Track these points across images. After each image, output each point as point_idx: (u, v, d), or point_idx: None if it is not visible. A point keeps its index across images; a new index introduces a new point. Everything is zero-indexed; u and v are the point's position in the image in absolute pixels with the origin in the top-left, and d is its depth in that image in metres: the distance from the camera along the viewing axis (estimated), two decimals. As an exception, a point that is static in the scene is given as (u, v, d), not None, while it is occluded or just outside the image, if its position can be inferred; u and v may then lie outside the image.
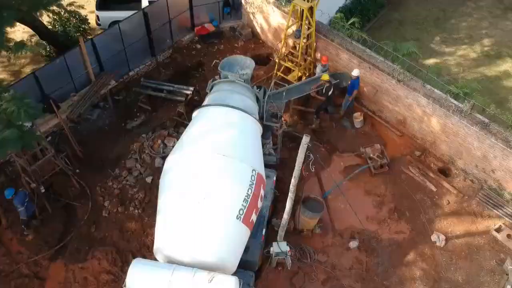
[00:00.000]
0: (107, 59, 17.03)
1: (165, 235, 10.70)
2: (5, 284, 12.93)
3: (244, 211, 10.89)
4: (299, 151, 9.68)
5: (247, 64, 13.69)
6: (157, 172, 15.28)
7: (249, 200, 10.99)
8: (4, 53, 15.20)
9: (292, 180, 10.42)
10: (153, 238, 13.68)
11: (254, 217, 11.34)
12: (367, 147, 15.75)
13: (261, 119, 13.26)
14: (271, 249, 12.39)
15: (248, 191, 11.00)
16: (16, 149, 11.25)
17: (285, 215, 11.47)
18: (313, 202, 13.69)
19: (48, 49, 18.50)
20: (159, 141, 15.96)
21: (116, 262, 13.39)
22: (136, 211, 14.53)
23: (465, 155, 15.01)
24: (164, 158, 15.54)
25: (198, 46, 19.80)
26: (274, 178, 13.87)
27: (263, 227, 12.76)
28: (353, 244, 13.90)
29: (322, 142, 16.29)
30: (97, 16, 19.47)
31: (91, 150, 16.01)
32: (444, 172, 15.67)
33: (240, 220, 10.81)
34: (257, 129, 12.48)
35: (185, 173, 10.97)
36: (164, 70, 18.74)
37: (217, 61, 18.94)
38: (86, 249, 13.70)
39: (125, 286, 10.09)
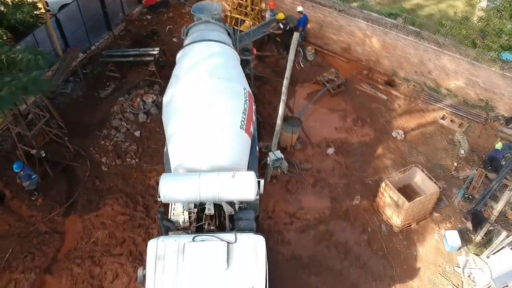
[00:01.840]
0: (69, 36, 17.89)
1: (183, 152, 12.11)
2: (28, 243, 13.69)
3: (245, 122, 12.61)
4: (290, 48, 11.53)
5: (214, 7, 15.32)
6: (143, 126, 16.69)
7: (246, 113, 12.73)
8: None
9: (285, 81, 12.30)
10: (156, 179, 15.16)
11: (251, 129, 13.08)
12: (323, 73, 17.99)
13: (234, 54, 14.98)
14: (268, 159, 14.20)
15: (244, 105, 12.74)
16: (46, 88, 12.08)
17: (278, 121, 13.34)
18: (291, 120, 15.63)
19: (5, 38, 18.87)
20: (138, 99, 17.20)
21: (128, 204, 14.57)
22: (133, 161, 15.74)
23: (405, 65, 17.67)
24: (146, 113, 16.95)
25: (149, 16, 21.07)
26: (254, 107, 15.65)
27: (256, 144, 14.53)
28: (330, 151, 16.08)
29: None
30: (46, 2, 20.02)
31: (73, 121, 16.83)
32: (390, 83, 18.29)
33: (243, 129, 12.50)
34: (237, 57, 14.22)
35: (188, 98, 12.46)
36: (122, 42, 19.84)
37: (170, 27, 20.56)
38: (97, 199, 14.73)
39: (159, 197, 11.46)
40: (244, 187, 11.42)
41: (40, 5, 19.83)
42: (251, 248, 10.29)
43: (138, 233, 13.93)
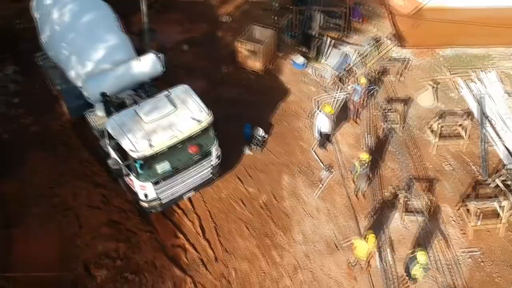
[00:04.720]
0: None
1: (88, 63, 14.22)
2: None
3: (121, 26, 15.33)
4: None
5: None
6: (18, 93, 17.78)
7: (118, 20, 15.40)
8: None
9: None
10: (58, 123, 16.66)
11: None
12: None
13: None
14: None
15: (113, 14, 15.47)
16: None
17: (145, 18, 16.27)
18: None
19: None
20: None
21: (47, 148, 15.75)
22: (29, 119, 16.71)
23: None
24: (14, 81, 17.98)
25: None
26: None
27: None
28: (185, 47, 19.58)
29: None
30: None
31: None
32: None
33: (123, 32, 15.20)
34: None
35: (68, 22, 14.63)
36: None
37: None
38: (16, 159, 15.55)
39: (88, 99, 13.61)
40: (151, 64, 14.43)
41: None
42: (184, 92, 13.43)
43: (72, 162, 15.51)
